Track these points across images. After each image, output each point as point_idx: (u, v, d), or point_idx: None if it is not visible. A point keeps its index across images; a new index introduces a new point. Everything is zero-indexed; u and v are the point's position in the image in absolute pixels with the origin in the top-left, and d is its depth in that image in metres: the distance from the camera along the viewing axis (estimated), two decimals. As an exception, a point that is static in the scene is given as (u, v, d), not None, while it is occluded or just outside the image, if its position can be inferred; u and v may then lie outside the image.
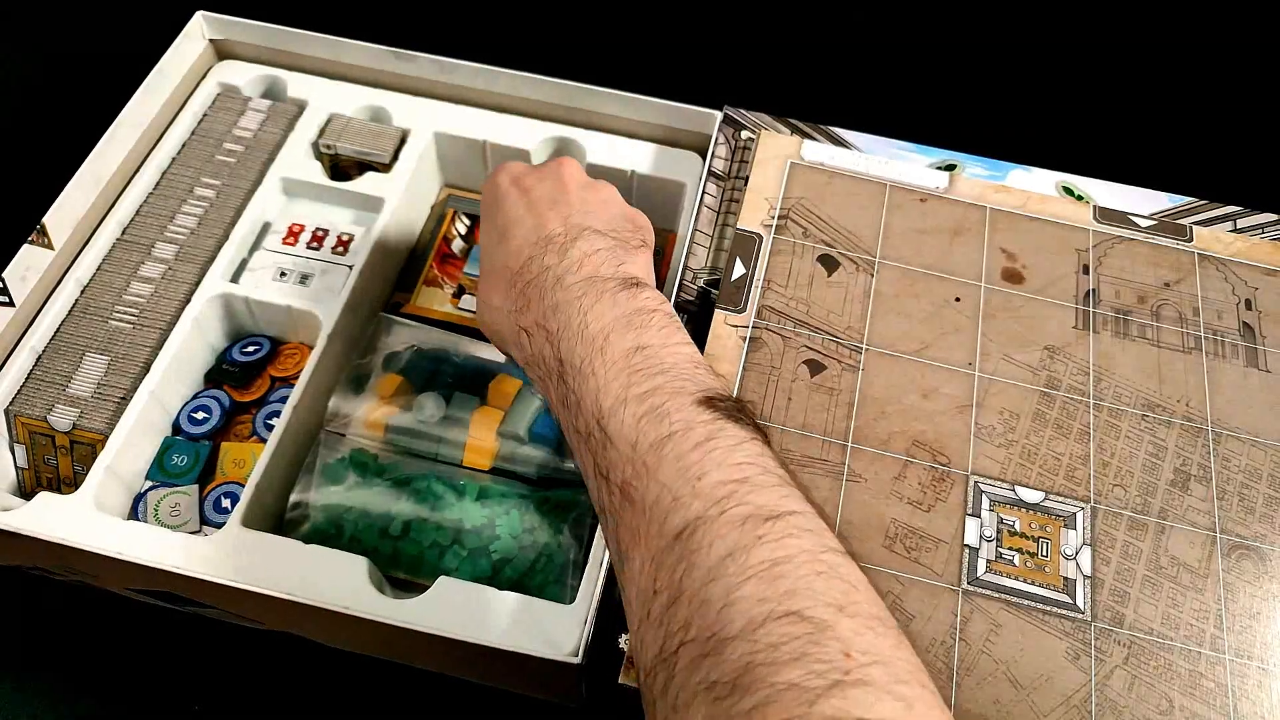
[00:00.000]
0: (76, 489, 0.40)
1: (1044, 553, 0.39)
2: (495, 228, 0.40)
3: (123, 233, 0.48)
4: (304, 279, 0.48)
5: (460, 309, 0.50)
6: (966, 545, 0.39)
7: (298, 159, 0.51)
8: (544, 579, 0.40)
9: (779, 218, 0.48)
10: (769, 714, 0.23)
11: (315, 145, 0.52)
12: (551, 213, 0.38)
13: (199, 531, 0.42)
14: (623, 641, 0.37)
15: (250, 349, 0.47)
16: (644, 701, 0.28)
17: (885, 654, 0.25)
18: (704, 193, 0.49)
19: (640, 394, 0.32)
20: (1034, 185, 0.51)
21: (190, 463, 0.44)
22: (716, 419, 0.31)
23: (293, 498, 0.41)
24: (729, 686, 0.24)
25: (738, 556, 0.27)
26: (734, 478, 0.29)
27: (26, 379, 0.44)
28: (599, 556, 0.39)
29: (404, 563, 0.41)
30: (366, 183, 0.51)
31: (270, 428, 0.44)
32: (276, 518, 0.42)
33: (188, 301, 0.46)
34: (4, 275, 0.44)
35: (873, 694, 0.24)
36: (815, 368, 0.44)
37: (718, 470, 0.29)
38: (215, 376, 0.47)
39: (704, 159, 0.51)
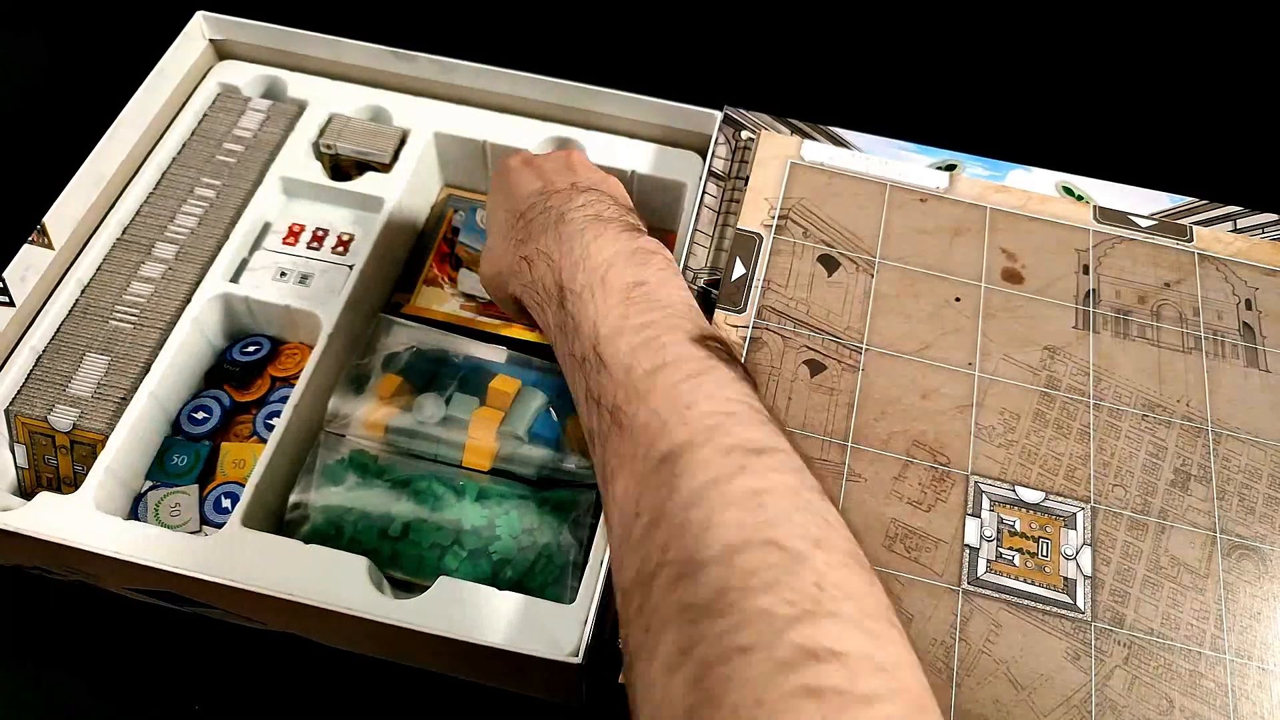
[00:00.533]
0: (76, 489, 0.40)
1: (1044, 553, 0.39)
2: (502, 194, 0.41)
3: (123, 233, 0.48)
4: (304, 279, 0.48)
5: (464, 298, 0.50)
6: (967, 545, 0.39)
7: (298, 159, 0.51)
8: (544, 579, 0.40)
9: (779, 218, 0.48)
10: (739, 638, 0.24)
11: (315, 145, 0.52)
12: (559, 176, 0.40)
13: (199, 531, 0.42)
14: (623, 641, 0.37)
15: (250, 349, 0.47)
16: (620, 623, 0.28)
17: (857, 590, 0.26)
18: (704, 193, 0.49)
19: (637, 325, 0.33)
20: (1034, 185, 0.51)
21: (190, 463, 0.44)
22: (710, 356, 0.31)
23: (292, 498, 0.41)
24: (702, 609, 0.25)
25: (720, 484, 0.27)
26: (722, 410, 0.29)
27: (27, 379, 0.43)
28: (599, 557, 0.39)
29: (404, 564, 0.41)
30: (366, 183, 0.51)
31: (270, 428, 0.44)
32: (276, 518, 0.42)
33: (188, 301, 0.46)
34: (4, 275, 0.44)
35: (841, 626, 0.24)
36: (815, 368, 0.44)
37: (707, 402, 0.30)
38: (215, 376, 0.47)
39: (704, 159, 0.51)
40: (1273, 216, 0.50)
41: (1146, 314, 0.46)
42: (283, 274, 0.48)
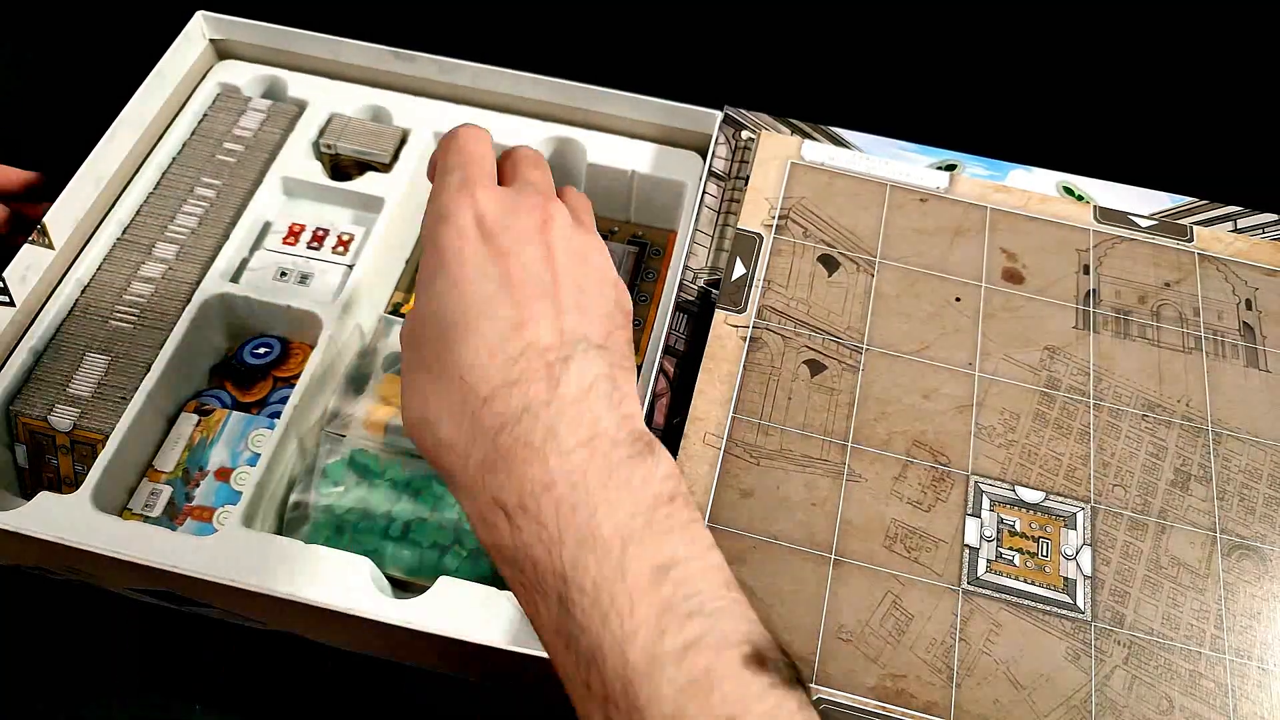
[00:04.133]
0: (76, 489, 0.40)
1: (1044, 553, 0.39)
2: (449, 294, 0.29)
3: (123, 233, 0.48)
4: (304, 279, 0.48)
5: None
6: (966, 545, 0.39)
7: (298, 159, 0.51)
8: (544, 579, 0.40)
9: (779, 218, 0.48)
10: None
11: (315, 145, 0.52)
12: (538, 305, 0.28)
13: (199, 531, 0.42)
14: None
15: (261, 350, 0.47)
16: None
17: None
18: (704, 193, 0.49)
19: (677, 649, 0.24)
20: (1034, 185, 0.51)
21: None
22: (770, 688, 0.24)
23: (293, 498, 0.41)
24: None
25: None
26: None
27: (27, 379, 0.44)
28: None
29: (404, 564, 0.41)
30: (366, 183, 0.51)
31: (271, 427, 0.44)
32: (276, 518, 0.42)
33: (188, 301, 0.46)
34: (4, 275, 0.44)
35: None
36: (815, 368, 0.44)
37: None
38: (222, 371, 0.47)
39: (704, 159, 0.51)
40: (1273, 216, 0.50)
41: (1146, 314, 0.46)
42: (283, 274, 0.48)
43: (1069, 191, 0.51)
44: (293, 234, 0.50)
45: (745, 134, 0.52)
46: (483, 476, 0.27)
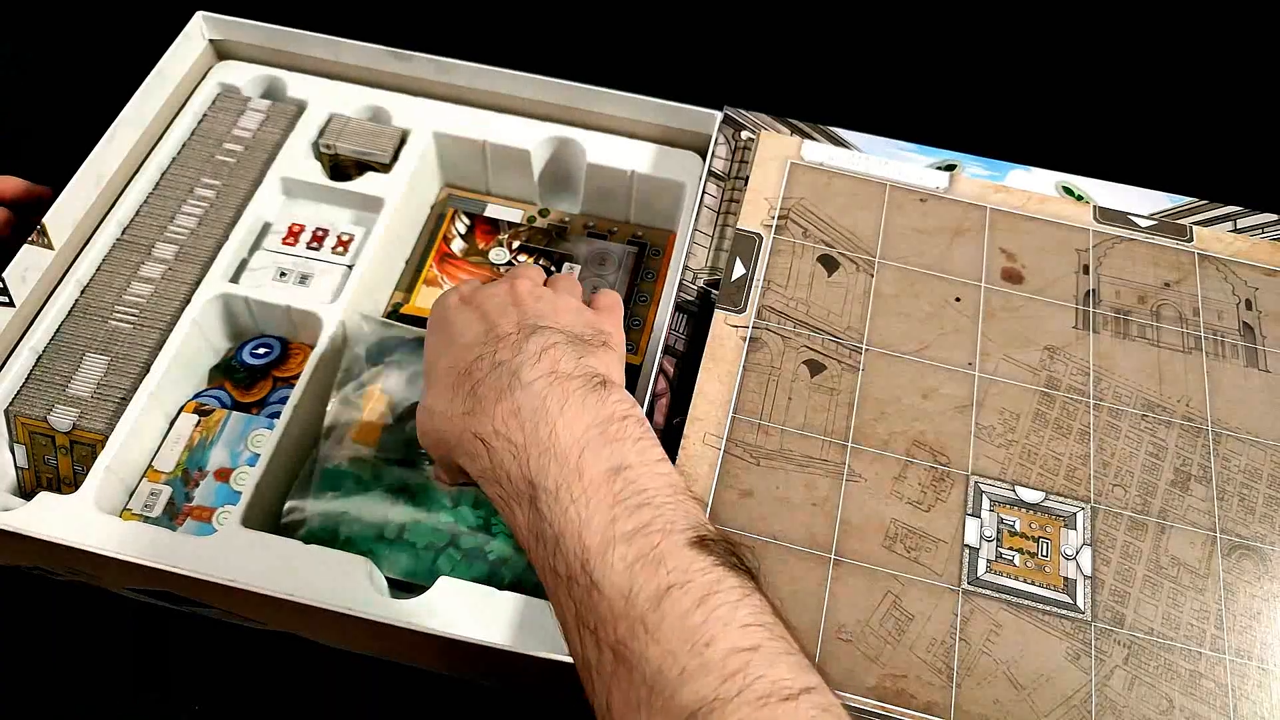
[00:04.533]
0: (76, 489, 0.40)
1: (1044, 553, 0.39)
2: (441, 339, 0.37)
3: (123, 233, 0.48)
4: (304, 279, 0.48)
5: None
6: (966, 545, 0.39)
7: (298, 159, 0.51)
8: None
9: (779, 218, 0.48)
10: None
11: (315, 145, 0.52)
12: (502, 317, 0.35)
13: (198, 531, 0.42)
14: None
15: (261, 350, 0.47)
16: None
17: None
18: (704, 193, 0.49)
19: (628, 531, 0.29)
20: (1034, 185, 0.51)
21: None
22: (714, 566, 0.28)
23: (289, 504, 0.41)
24: None
25: None
26: (744, 645, 0.27)
27: (26, 379, 0.44)
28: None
29: (400, 566, 0.41)
30: (366, 183, 0.51)
31: (271, 428, 0.44)
32: (276, 518, 0.42)
33: (188, 301, 0.46)
34: (4, 275, 0.44)
35: None
36: (815, 368, 0.44)
37: (725, 635, 0.27)
38: (223, 371, 0.47)
39: (704, 159, 0.51)
40: (1273, 216, 0.50)
41: (1146, 314, 0.46)
42: (283, 274, 0.48)
43: (1069, 191, 0.51)
44: (293, 234, 0.50)
45: (745, 134, 0.52)
46: (465, 422, 0.33)
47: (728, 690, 0.25)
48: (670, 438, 0.41)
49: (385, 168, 0.51)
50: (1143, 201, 0.50)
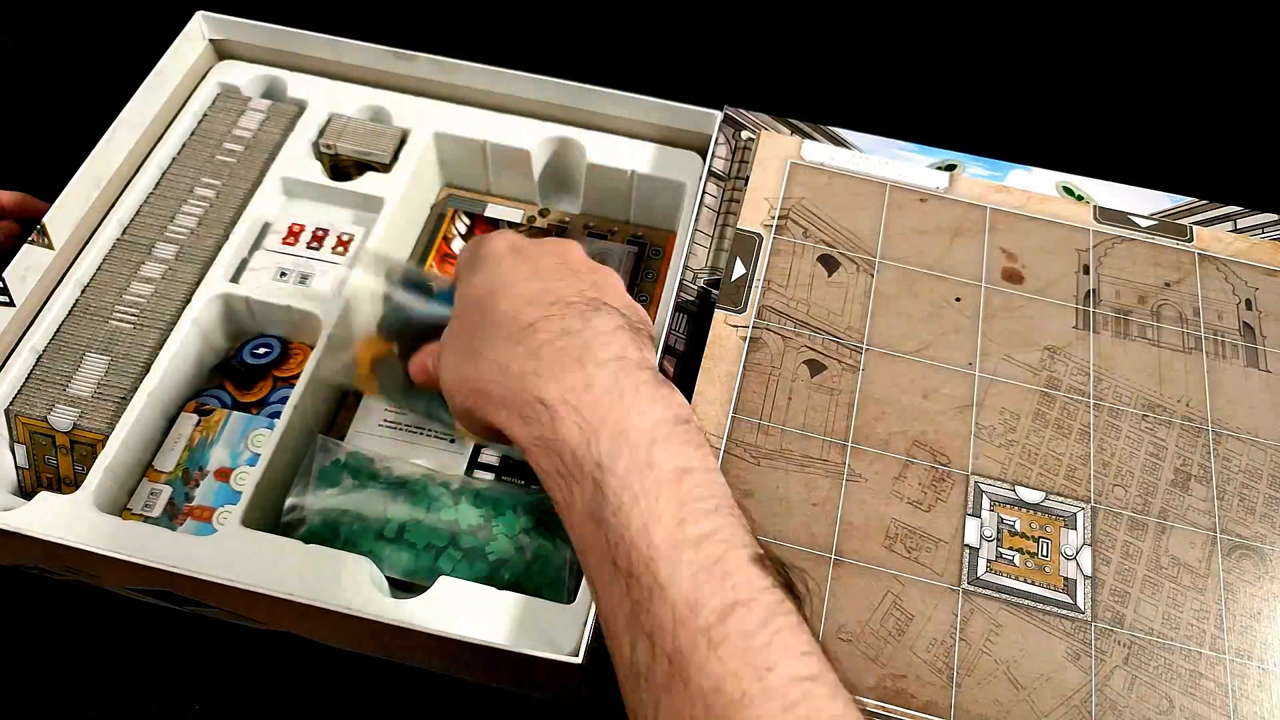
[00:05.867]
0: (77, 489, 0.40)
1: (1044, 553, 0.39)
2: (487, 282, 0.34)
3: (123, 233, 0.48)
4: (304, 279, 0.48)
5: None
6: (967, 545, 0.39)
7: (298, 159, 0.51)
8: (542, 580, 0.40)
9: (779, 218, 0.48)
10: None
11: (315, 145, 0.52)
12: (562, 282, 0.33)
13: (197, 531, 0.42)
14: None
15: (261, 350, 0.47)
16: None
17: None
18: (704, 193, 0.49)
19: (696, 538, 0.27)
20: (1034, 185, 0.51)
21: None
22: (774, 587, 0.27)
23: (289, 501, 0.41)
24: None
25: None
26: (803, 674, 0.26)
27: (27, 379, 0.43)
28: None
29: (400, 566, 0.41)
30: (366, 183, 0.51)
31: (271, 427, 0.44)
32: (276, 518, 0.42)
33: (188, 301, 0.46)
34: (4, 275, 0.44)
35: None
36: (815, 368, 0.44)
37: (786, 662, 0.26)
38: (222, 371, 0.47)
39: (704, 159, 0.51)
40: (1273, 216, 0.50)
41: (1146, 314, 0.46)
42: (283, 274, 0.48)
43: (1069, 191, 0.51)
44: (292, 234, 0.50)
45: (745, 134, 0.52)
46: (524, 381, 0.31)
47: None
48: (670, 438, 0.41)
49: (385, 168, 0.51)
50: (1143, 201, 0.50)
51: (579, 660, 0.36)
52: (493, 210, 0.54)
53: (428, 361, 0.37)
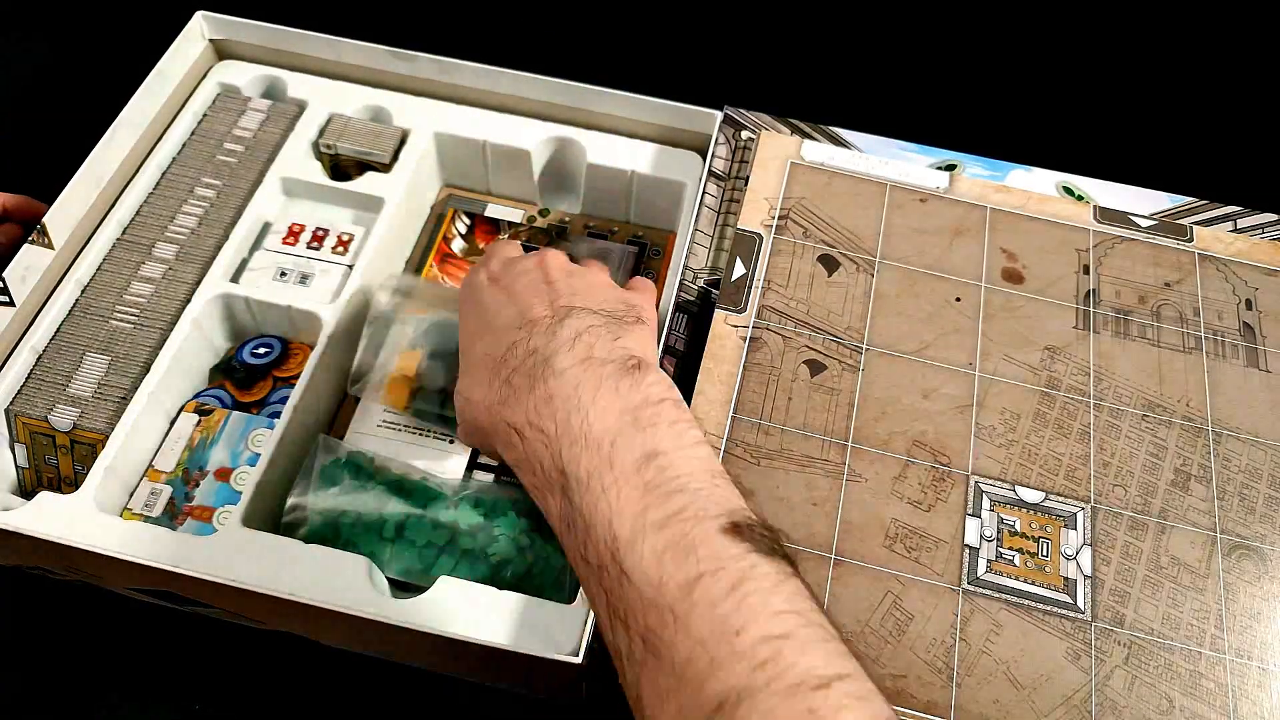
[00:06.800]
0: (77, 489, 0.40)
1: (1044, 553, 0.39)
2: (474, 322, 0.37)
3: (123, 233, 0.48)
4: (304, 279, 0.48)
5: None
6: (967, 545, 0.39)
7: (298, 159, 0.51)
8: (543, 580, 0.40)
9: (779, 218, 0.48)
10: None
11: (315, 145, 0.52)
12: (535, 299, 0.35)
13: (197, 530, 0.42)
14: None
15: (261, 350, 0.47)
16: None
17: None
18: (704, 193, 0.49)
19: (659, 520, 0.28)
20: (1034, 185, 0.51)
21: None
22: (747, 553, 0.28)
23: (290, 500, 0.41)
24: None
25: None
26: (776, 632, 0.26)
27: (27, 379, 0.44)
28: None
29: (400, 566, 0.41)
30: (366, 183, 0.51)
31: (271, 427, 0.44)
32: (276, 518, 0.42)
33: (188, 301, 0.46)
34: (4, 275, 0.44)
35: None
36: (816, 368, 0.44)
37: (756, 623, 0.26)
38: (223, 371, 0.47)
39: (704, 159, 0.51)
40: (1273, 216, 0.50)
41: (1147, 314, 0.46)
42: (283, 274, 0.48)
43: (1069, 191, 0.51)
44: (293, 234, 0.50)
45: (745, 134, 0.52)
46: (499, 411, 0.33)
47: (757, 679, 0.25)
48: (670, 438, 0.41)
49: (385, 168, 0.51)
50: (1143, 201, 0.50)
51: (579, 660, 0.36)
52: (493, 210, 0.54)
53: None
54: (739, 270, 0.46)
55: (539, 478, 0.31)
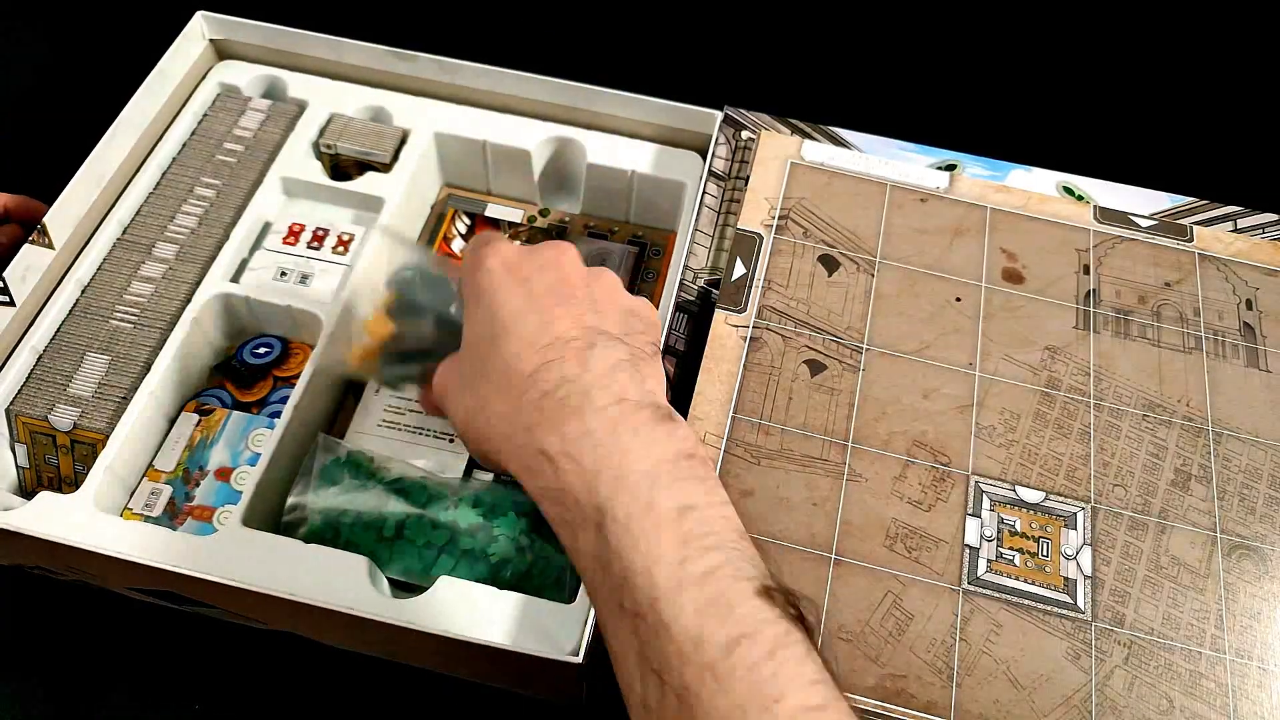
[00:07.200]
0: (77, 489, 0.40)
1: (1044, 553, 0.39)
2: (488, 320, 0.35)
3: (123, 233, 0.48)
4: (304, 279, 0.48)
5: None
6: (967, 545, 0.39)
7: (298, 159, 0.51)
8: (543, 580, 0.40)
9: (779, 218, 0.48)
10: None
11: (315, 145, 0.52)
12: (559, 310, 0.34)
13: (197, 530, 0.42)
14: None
15: (261, 350, 0.47)
16: None
17: None
18: (704, 193, 0.49)
19: (698, 574, 0.28)
20: (1034, 185, 0.51)
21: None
22: (779, 618, 0.28)
23: (290, 500, 0.41)
24: None
25: None
26: (813, 703, 0.26)
27: (27, 379, 0.44)
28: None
29: (400, 566, 0.41)
30: (366, 183, 0.51)
31: (271, 427, 0.44)
32: (277, 518, 0.42)
33: (188, 301, 0.46)
34: (4, 275, 0.44)
35: None
36: (816, 368, 0.44)
37: (794, 692, 0.26)
38: (223, 371, 0.47)
39: (704, 159, 0.51)
40: (1273, 216, 0.50)
41: (1147, 314, 0.46)
42: (283, 274, 0.48)
43: (1069, 191, 0.51)
44: (293, 234, 0.50)
45: (745, 134, 0.52)
46: (529, 434, 0.32)
47: None
48: (670, 438, 0.41)
49: (385, 168, 0.51)
50: (1143, 201, 0.50)
51: (579, 660, 0.36)
52: (493, 210, 0.54)
53: (434, 395, 0.37)
54: (739, 270, 0.46)
55: (571, 512, 0.30)
